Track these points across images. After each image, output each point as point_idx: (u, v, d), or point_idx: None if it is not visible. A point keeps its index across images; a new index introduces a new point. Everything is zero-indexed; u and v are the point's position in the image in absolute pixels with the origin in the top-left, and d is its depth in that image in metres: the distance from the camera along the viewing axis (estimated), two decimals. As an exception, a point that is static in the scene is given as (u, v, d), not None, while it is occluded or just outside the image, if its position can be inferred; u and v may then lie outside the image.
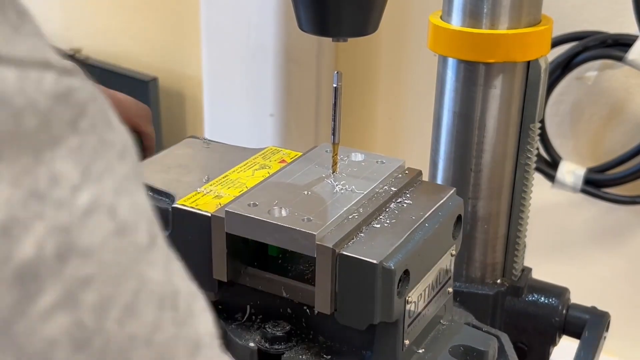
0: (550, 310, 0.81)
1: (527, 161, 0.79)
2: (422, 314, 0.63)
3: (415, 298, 0.61)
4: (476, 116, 0.76)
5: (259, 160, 0.71)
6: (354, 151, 0.71)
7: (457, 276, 0.83)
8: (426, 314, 0.63)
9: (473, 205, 0.79)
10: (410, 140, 1.39)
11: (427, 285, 0.63)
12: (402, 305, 0.58)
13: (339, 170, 0.66)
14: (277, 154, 0.72)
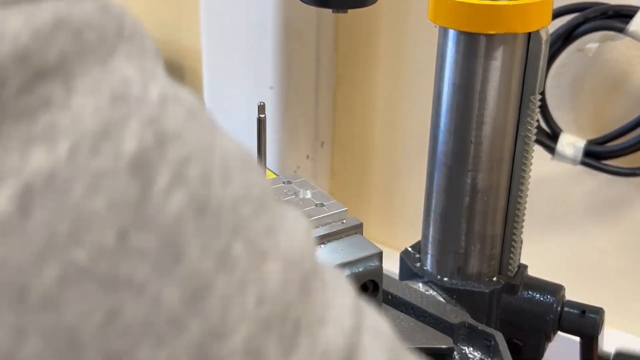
0: (546, 308, 0.82)
1: (527, 133, 0.79)
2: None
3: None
4: (476, 88, 0.76)
5: None
6: (306, 188, 0.68)
7: (453, 274, 0.83)
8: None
9: (473, 178, 0.79)
10: (410, 114, 1.39)
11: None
12: None
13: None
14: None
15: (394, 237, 1.48)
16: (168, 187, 0.29)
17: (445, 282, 0.83)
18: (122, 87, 0.29)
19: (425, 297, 0.77)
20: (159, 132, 0.29)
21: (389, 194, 1.47)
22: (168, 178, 0.29)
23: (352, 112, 1.46)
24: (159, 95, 0.30)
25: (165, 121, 0.30)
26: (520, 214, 0.82)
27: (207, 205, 0.30)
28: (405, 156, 1.42)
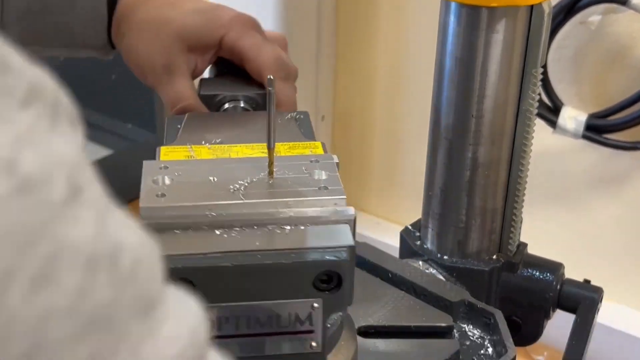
0: (545, 286, 0.82)
1: (528, 107, 0.78)
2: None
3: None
4: (478, 61, 0.76)
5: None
6: (326, 169, 0.63)
7: (453, 252, 0.83)
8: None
9: (474, 152, 0.79)
10: (411, 87, 1.39)
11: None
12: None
13: (276, 175, 0.58)
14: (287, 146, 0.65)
15: (395, 211, 1.48)
16: None
17: (445, 261, 0.83)
18: None
19: (425, 275, 0.77)
20: None
21: (390, 168, 1.47)
22: None
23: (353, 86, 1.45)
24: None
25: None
26: (521, 188, 0.82)
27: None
28: (406, 130, 1.42)
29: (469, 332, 0.73)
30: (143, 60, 0.73)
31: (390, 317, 0.72)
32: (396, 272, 0.76)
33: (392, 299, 0.74)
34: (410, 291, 0.75)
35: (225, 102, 0.74)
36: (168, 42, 0.72)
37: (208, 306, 0.51)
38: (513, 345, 0.69)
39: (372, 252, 0.79)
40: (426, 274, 0.78)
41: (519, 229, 0.85)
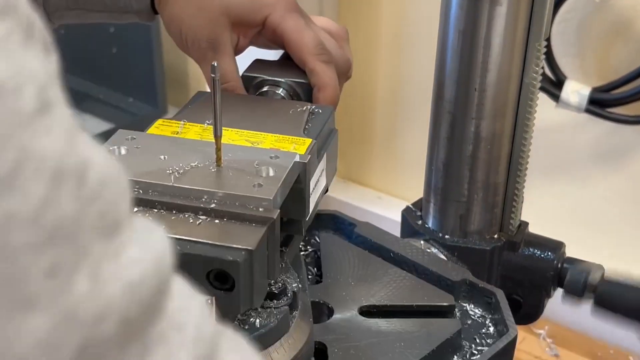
0: (546, 264, 0.83)
1: (531, 80, 0.78)
2: None
3: None
4: (481, 34, 0.75)
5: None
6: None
7: (454, 232, 0.83)
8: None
9: (477, 126, 0.79)
10: (413, 61, 1.37)
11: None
12: None
13: (223, 165, 0.58)
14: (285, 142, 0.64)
15: (396, 185, 1.47)
16: None
17: (447, 240, 0.83)
18: None
19: (426, 254, 0.77)
20: None
21: (392, 142, 1.47)
22: None
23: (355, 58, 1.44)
24: None
25: None
26: (523, 162, 0.82)
27: None
28: (408, 104, 1.41)
29: (471, 311, 0.73)
30: (187, 32, 0.72)
31: (392, 296, 0.72)
32: (398, 252, 0.76)
33: (394, 278, 0.74)
34: (411, 271, 0.75)
35: (264, 85, 0.73)
36: (214, 16, 0.71)
37: None
38: (514, 325, 0.69)
39: (373, 231, 0.79)
40: (428, 253, 0.78)
41: (521, 206, 0.85)
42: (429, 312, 0.70)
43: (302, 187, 0.60)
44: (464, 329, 0.70)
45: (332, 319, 0.69)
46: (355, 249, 0.78)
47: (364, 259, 0.76)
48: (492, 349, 0.67)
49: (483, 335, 0.71)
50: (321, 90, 0.71)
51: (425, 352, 0.65)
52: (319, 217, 0.81)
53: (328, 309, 0.70)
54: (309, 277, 0.76)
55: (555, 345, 1.20)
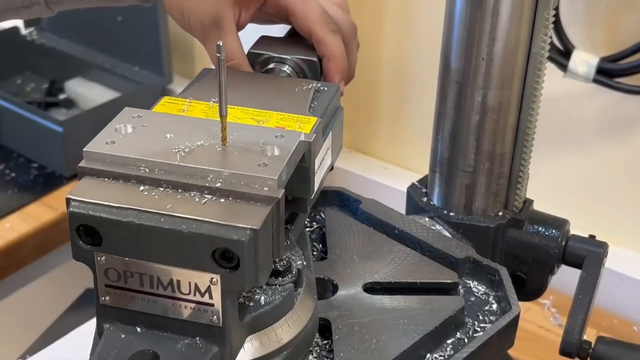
0: (550, 242, 0.83)
1: (539, 50, 0.77)
2: None
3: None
4: (489, 3, 0.74)
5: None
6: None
7: (459, 208, 0.83)
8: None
9: (484, 95, 0.78)
10: (421, 29, 1.36)
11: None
12: None
13: (229, 144, 0.58)
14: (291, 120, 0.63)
15: (402, 156, 1.47)
16: None
17: (452, 217, 0.83)
18: None
19: (431, 232, 0.77)
20: None
21: (398, 112, 1.46)
22: None
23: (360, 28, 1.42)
24: None
25: None
26: (530, 132, 0.81)
27: None
28: (415, 73, 1.40)
29: (474, 288, 0.74)
30: (189, 12, 0.71)
31: (396, 273, 0.72)
32: (402, 229, 0.76)
33: (398, 255, 0.74)
34: (416, 248, 0.75)
35: (270, 62, 0.72)
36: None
37: (113, 257, 0.53)
38: (517, 302, 0.69)
39: (378, 208, 0.79)
40: (432, 230, 0.78)
41: (526, 182, 0.85)
42: (432, 289, 0.71)
43: (307, 166, 0.60)
44: (467, 306, 0.70)
45: (337, 296, 0.69)
46: (360, 225, 0.78)
47: (369, 235, 0.76)
48: (494, 326, 0.68)
49: (486, 312, 0.71)
50: (331, 60, 0.71)
51: (429, 328, 0.66)
52: (325, 194, 0.81)
53: (333, 285, 0.71)
54: (314, 254, 0.76)
55: (559, 315, 1.21)
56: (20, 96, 1.61)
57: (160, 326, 0.55)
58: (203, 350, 0.54)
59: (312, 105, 0.65)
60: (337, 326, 0.65)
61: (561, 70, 1.14)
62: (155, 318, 0.55)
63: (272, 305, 0.58)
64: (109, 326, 0.56)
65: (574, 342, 0.77)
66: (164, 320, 0.55)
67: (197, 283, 0.53)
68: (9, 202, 1.36)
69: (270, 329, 0.58)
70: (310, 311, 0.62)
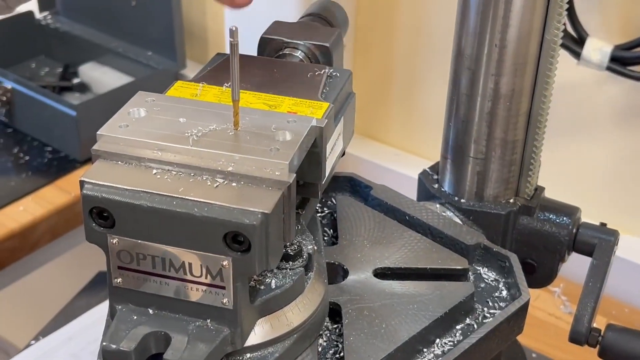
0: (561, 229, 0.83)
1: (553, 37, 0.77)
2: None
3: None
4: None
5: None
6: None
7: (470, 195, 0.83)
8: None
9: (496, 82, 0.78)
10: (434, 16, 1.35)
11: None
12: None
13: (241, 128, 0.58)
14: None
15: (414, 143, 1.46)
16: None
17: (463, 204, 0.83)
18: None
19: (442, 218, 0.78)
20: None
21: (410, 99, 1.45)
22: None
23: (374, 13, 1.42)
24: None
25: None
26: (542, 119, 0.81)
27: None
28: (427, 60, 1.40)
29: (484, 274, 0.74)
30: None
31: (406, 259, 0.72)
32: (413, 215, 0.77)
33: (409, 241, 0.74)
34: (426, 234, 0.75)
35: (282, 48, 0.73)
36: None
37: (125, 240, 0.53)
38: (527, 289, 0.70)
39: (389, 194, 0.79)
40: (443, 217, 0.78)
41: (538, 170, 0.85)
42: (442, 275, 0.71)
43: (318, 151, 0.60)
44: (477, 292, 0.70)
45: (347, 280, 0.70)
46: (371, 211, 0.78)
47: (380, 221, 0.77)
48: (504, 312, 0.68)
49: (496, 298, 0.71)
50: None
51: (438, 314, 0.66)
52: (336, 179, 0.82)
53: (343, 270, 0.71)
54: (325, 239, 0.77)
55: (570, 302, 1.21)
56: (34, 80, 1.62)
57: (171, 308, 0.56)
58: (214, 332, 0.55)
59: (324, 90, 0.65)
60: (347, 310, 0.66)
61: (574, 58, 1.14)
62: (167, 300, 0.56)
63: (283, 288, 0.58)
64: (121, 307, 0.56)
65: (584, 330, 0.77)
66: (176, 302, 0.56)
67: (208, 266, 0.54)
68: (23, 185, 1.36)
69: (281, 312, 0.59)
70: (321, 295, 0.62)
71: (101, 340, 0.55)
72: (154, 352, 0.55)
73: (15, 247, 1.28)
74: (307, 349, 0.61)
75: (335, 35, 0.73)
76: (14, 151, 1.46)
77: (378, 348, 0.63)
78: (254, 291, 0.57)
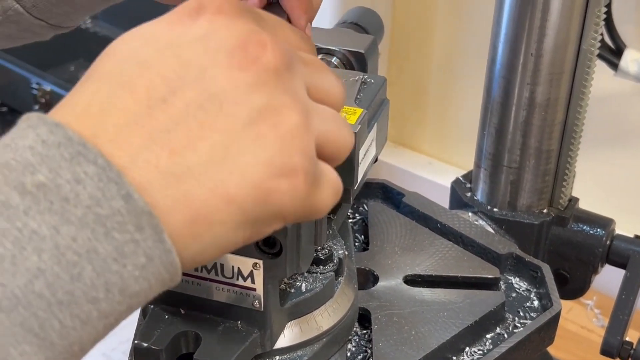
0: (595, 240, 0.82)
1: (589, 47, 0.77)
2: None
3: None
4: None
5: None
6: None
7: (503, 204, 0.83)
8: None
9: (531, 91, 0.78)
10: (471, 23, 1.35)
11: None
12: None
13: None
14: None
15: (448, 151, 1.46)
16: None
17: (495, 213, 0.83)
18: None
19: (474, 227, 0.77)
20: None
21: (445, 108, 1.45)
22: None
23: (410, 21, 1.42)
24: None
25: None
26: (577, 130, 0.81)
27: None
28: (463, 69, 1.39)
29: (516, 284, 0.73)
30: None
31: (437, 267, 0.72)
32: (445, 223, 0.76)
33: (440, 249, 0.74)
34: (458, 242, 0.75)
35: (318, 53, 0.73)
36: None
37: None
38: (559, 299, 0.69)
39: (421, 202, 0.79)
40: (475, 225, 0.78)
41: (572, 180, 0.84)
42: (473, 284, 0.70)
43: (351, 157, 0.60)
44: (508, 302, 0.70)
45: (377, 286, 0.69)
46: (402, 218, 0.78)
47: (411, 228, 0.76)
48: (535, 322, 0.67)
49: (527, 308, 0.71)
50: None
51: (468, 322, 0.66)
52: (368, 186, 0.82)
53: (373, 276, 0.71)
54: (356, 245, 0.77)
55: (602, 316, 1.19)
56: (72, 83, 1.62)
57: (202, 308, 0.56)
58: (244, 333, 0.55)
59: (358, 96, 0.65)
60: (376, 316, 0.66)
61: (611, 69, 1.13)
62: (199, 300, 0.56)
63: (313, 292, 0.58)
64: (153, 307, 0.57)
65: (616, 342, 0.76)
66: (207, 303, 0.56)
67: (240, 267, 0.54)
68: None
69: (310, 316, 0.59)
70: (350, 300, 0.62)
71: (132, 339, 0.56)
72: (185, 352, 0.55)
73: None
74: (336, 354, 0.61)
75: (370, 42, 0.73)
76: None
77: (407, 355, 0.62)
78: (284, 294, 0.58)
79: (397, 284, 0.70)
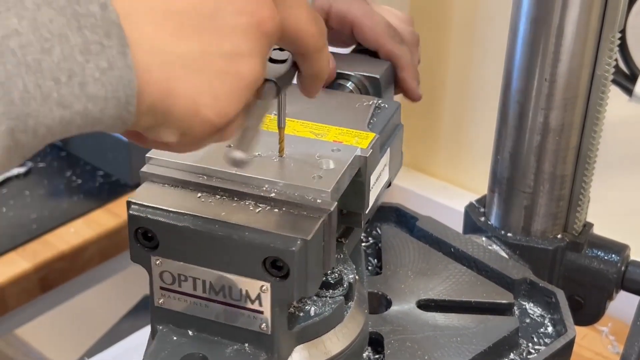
0: (609, 266, 0.82)
1: (604, 72, 0.76)
2: None
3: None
4: (554, 23, 0.74)
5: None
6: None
7: (517, 229, 0.82)
8: None
9: (546, 116, 0.78)
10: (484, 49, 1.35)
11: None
12: None
13: (286, 156, 0.59)
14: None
15: (462, 176, 1.46)
16: None
17: (509, 238, 0.82)
18: None
19: (487, 251, 0.77)
20: None
21: (459, 132, 1.45)
22: None
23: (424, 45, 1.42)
24: None
25: None
26: (592, 155, 0.80)
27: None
28: (477, 93, 1.39)
29: (530, 310, 0.73)
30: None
31: (450, 291, 0.72)
32: (459, 247, 0.76)
33: (453, 273, 0.74)
34: (472, 267, 0.75)
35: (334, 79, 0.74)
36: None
37: (168, 261, 0.54)
38: (573, 325, 0.69)
39: (435, 226, 0.79)
40: (489, 250, 0.78)
41: (587, 205, 0.83)
42: (487, 309, 0.70)
43: (362, 181, 0.60)
44: (522, 328, 0.69)
45: (390, 311, 0.69)
46: (416, 242, 0.78)
47: (425, 252, 0.76)
48: (549, 348, 0.67)
49: (541, 334, 0.70)
50: (405, 69, 0.74)
51: (482, 348, 0.65)
52: (382, 210, 0.82)
53: (386, 300, 0.71)
54: (369, 268, 0.76)
55: (617, 342, 1.18)
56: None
57: (210, 330, 0.56)
58: (251, 356, 0.55)
59: (371, 121, 0.66)
60: (389, 341, 0.65)
61: (626, 94, 1.13)
62: (207, 322, 0.56)
63: (322, 316, 0.58)
64: (162, 328, 0.57)
65: (630, 369, 0.76)
66: (215, 325, 0.56)
67: (247, 290, 0.54)
68: (75, 207, 1.38)
69: (319, 340, 0.59)
70: (360, 325, 0.62)
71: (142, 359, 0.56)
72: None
73: (64, 268, 1.30)
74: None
75: (385, 67, 0.74)
76: (67, 174, 1.48)
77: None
78: (292, 317, 0.58)
79: (410, 308, 0.69)
